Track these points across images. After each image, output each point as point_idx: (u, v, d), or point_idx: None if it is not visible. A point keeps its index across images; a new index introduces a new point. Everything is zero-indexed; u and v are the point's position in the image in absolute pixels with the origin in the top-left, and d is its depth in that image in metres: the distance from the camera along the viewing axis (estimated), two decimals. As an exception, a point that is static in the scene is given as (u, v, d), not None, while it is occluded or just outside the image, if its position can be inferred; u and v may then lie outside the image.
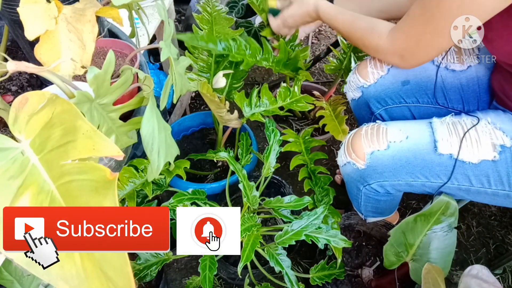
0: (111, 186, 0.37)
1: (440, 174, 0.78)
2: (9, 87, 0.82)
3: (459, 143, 0.76)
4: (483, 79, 0.89)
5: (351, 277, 1.06)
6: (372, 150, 0.81)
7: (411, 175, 0.80)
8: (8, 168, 0.38)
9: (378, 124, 0.84)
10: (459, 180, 0.77)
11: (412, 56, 0.78)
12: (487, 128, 0.76)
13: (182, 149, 1.29)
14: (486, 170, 0.75)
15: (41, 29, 0.52)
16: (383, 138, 0.81)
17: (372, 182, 0.84)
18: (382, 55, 0.85)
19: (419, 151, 0.78)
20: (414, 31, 0.74)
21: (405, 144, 0.79)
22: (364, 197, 0.92)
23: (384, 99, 0.97)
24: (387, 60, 0.87)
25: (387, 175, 0.81)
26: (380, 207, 0.96)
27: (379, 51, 0.83)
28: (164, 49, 0.57)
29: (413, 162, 0.79)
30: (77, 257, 0.36)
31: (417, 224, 0.82)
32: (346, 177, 0.93)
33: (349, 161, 0.86)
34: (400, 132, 0.81)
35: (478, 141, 0.75)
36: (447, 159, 0.77)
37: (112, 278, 0.36)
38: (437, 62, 0.92)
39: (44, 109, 0.41)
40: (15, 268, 0.62)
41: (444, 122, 0.80)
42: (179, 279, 1.20)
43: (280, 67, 1.09)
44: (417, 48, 0.75)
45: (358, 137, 0.84)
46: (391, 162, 0.80)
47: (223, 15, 1.03)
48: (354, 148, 0.84)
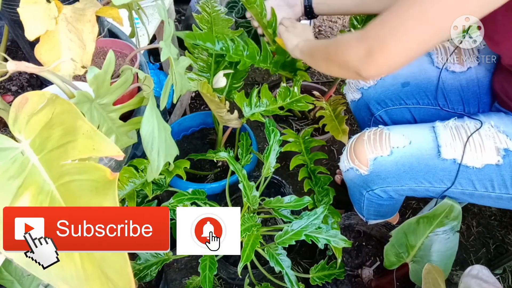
0: (111, 186, 0.37)
1: (443, 179, 0.77)
2: (9, 87, 0.82)
3: (462, 147, 0.75)
4: (483, 80, 0.89)
5: (351, 277, 1.06)
6: (375, 156, 0.80)
7: (414, 180, 0.79)
8: (8, 168, 0.38)
9: (380, 129, 0.83)
10: (463, 185, 0.77)
11: (382, 51, 0.61)
12: (491, 131, 0.75)
13: (182, 149, 1.29)
14: (490, 175, 0.74)
15: (41, 29, 0.52)
16: (386, 143, 0.80)
17: (375, 188, 0.84)
18: (346, 49, 0.67)
19: (422, 156, 0.78)
20: (393, 16, 0.60)
21: (409, 149, 0.79)
22: (366, 202, 0.91)
23: (384, 101, 0.97)
24: (349, 57, 0.67)
25: (391, 181, 0.81)
26: (382, 211, 0.96)
27: (345, 44, 0.68)
28: (164, 49, 0.57)
29: (416, 167, 0.78)
30: (77, 258, 0.36)
31: (420, 226, 0.82)
32: (349, 182, 0.92)
33: (352, 167, 0.85)
34: (403, 138, 0.80)
35: (481, 146, 0.74)
36: (451, 164, 0.76)
37: (112, 278, 0.36)
38: (437, 64, 0.92)
39: (44, 109, 0.41)
40: (15, 268, 0.62)
41: (447, 126, 0.79)
42: (179, 279, 1.20)
43: (277, 68, 1.09)
44: (391, 39, 0.59)
45: (360, 143, 0.83)
46: (394, 168, 0.79)
47: (222, 16, 1.04)
48: (357, 154, 0.84)
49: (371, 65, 0.63)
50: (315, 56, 0.84)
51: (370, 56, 0.62)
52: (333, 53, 0.73)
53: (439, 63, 0.92)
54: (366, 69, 0.64)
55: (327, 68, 0.81)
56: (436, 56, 0.93)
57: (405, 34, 0.59)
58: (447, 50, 0.92)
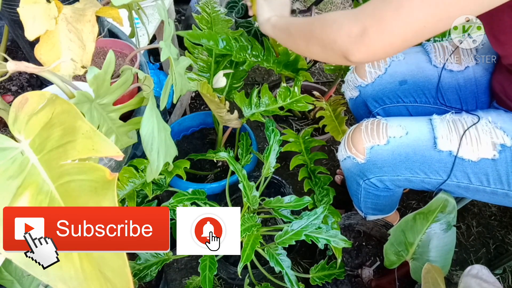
0: (110, 186, 0.37)
1: (439, 171, 0.78)
2: (9, 87, 0.82)
3: (458, 140, 0.76)
4: (481, 80, 0.89)
5: (351, 277, 1.06)
6: (372, 145, 0.82)
7: (410, 170, 0.80)
8: (7, 168, 0.38)
9: (378, 120, 0.84)
10: (458, 178, 0.78)
11: (380, 30, 0.55)
12: (488, 127, 0.76)
13: (182, 149, 1.29)
14: (485, 169, 0.75)
15: (41, 29, 0.52)
16: (383, 133, 0.81)
17: (371, 177, 0.85)
18: (336, 27, 0.60)
19: (418, 147, 0.79)
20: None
21: (405, 139, 0.80)
22: (363, 193, 0.92)
23: (381, 98, 0.98)
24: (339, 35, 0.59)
25: (387, 170, 0.82)
26: (380, 203, 0.96)
27: (336, 22, 0.61)
28: (164, 49, 0.57)
29: (412, 157, 0.79)
30: (76, 258, 0.36)
31: (417, 223, 0.83)
32: (346, 172, 0.93)
33: (349, 155, 0.86)
34: (400, 128, 0.81)
35: (478, 139, 0.75)
36: (447, 156, 0.77)
37: (111, 279, 0.36)
38: (434, 63, 0.92)
39: (44, 109, 0.41)
40: (15, 268, 0.62)
41: (444, 120, 0.80)
42: (179, 279, 1.20)
43: (281, 68, 1.09)
44: (393, 17, 0.54)
45: (358, 132, 0.85)
46: (390, 157, 0.81)
47: (222, 16, 1.04)
48: (354, 143, 0.85)
49: (363, 45, 0.57)
50: (292, 34, 0.74)
51: (364, 34, 0.56)
52: (317, 31, 0.64)
53: (436, 62, 0.93)
54: (356, 50, 0.58)
55: (306, 48, 0.71)
56: (434, 55, 0.93)
57: (409, 14, 0.53)
58: (445, 49, 0.93)
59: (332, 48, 0.62)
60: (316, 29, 0.65)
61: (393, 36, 0.55)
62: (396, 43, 0.56)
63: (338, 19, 0.61)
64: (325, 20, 0.64)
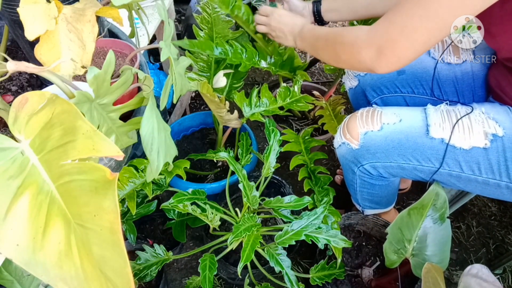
0: (111, 186, 0.37)
1: (431, 158, 0.79)
2: (9, 87, 0.82)
3: (451, 128, 0.77)
4: (478, 74, 0.90)
5: (351, 277, 1.06)
6: (366, 131, 0.83)
7: (402, 157, 0.81)
8: (7, 168, 0.38)
9: (374, 108, 0.86)
10: (450, 166, 0.78)
11: (393, 48, 0.65)
12: (481, 117, 0.77)
13: (182, 149, 1.30)
14: (477, 157, 0.76)
15: (41, 29, 0.52)
16: (378, 120, 0.83)
17: (365, 163, 0.86)
18: (356, 50, 0.71)
19: (411, 133, 0.80)
20: (400, 16, 0.64)
21: (398, 126, 0.81)
22: (359, 181, 0.93)
23: (379, 88, 1.00)
24: (361, 57, 0.71)
25: (380, 156, 0.83)
26: (376, 194, 0.97)
27: (354, 45, 0.71)
28: (164, 49, 0.57)
29: (405, 144, 0.80)
30: (77, 258, 0.36)
31: (412, 218, 0.83)
32: (341, 160, 0.94)
33: (344, 141, 0.88)
34: (394, 115, 0.83)
35: (470, 128, 0.76)
36: (439, 143, 0.78)
37: (111, 278, 0.36)
38: (433, 55, 0.93)
39: (44, 109, 0.41)
40: (15, 268, 0.62)
41: (438, 109, 0.81)
42: (179, 279, 1.20)
43: (277, 68, 1.09)
44: (401, 37, 0.64)
45: (353, 119, 0.86)
46: (383, 143, 0.82)
47: (222, 17, 1.04)
48: (349, 129, 0.86)
49: (383, 62, 0.68)
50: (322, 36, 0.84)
51: (381, 55, 0.67)
52: (342, 56, 0.76)
53: (435, 55, 0.94)
54: (378, 67, 0.69)
55: (338, 65, 0.85)
56: (433, 48, 0.94)
57: (413, 33, 0.63)
58: (444, 42, 0.94)
59: (359, 68, 0.75)
60: (340, 52, 0.77)
61: (405, 51, 0.65)
62: (410, 55, 0.66)
63: (356, 43, 0.71)
64: (345, 43, 0.74)
